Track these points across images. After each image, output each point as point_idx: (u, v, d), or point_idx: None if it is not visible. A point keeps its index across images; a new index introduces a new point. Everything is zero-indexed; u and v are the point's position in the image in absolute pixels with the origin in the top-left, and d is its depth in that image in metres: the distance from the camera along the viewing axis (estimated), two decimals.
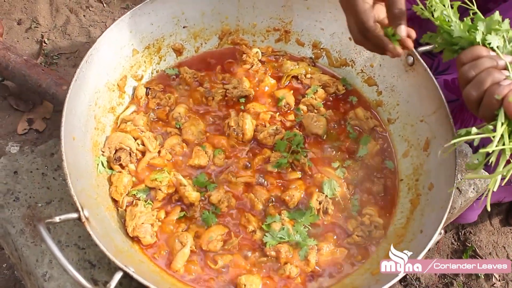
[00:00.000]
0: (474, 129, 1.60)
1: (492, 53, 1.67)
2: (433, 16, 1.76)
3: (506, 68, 1.63)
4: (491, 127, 1.58)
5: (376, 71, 2.36)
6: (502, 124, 1.55)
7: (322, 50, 2.46)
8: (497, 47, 1.67)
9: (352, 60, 2.41)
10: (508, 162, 1.57)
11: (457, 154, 1.94)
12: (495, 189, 1.57)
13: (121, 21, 2.11)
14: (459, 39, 1.73)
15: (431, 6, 1.76)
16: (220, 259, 1.89)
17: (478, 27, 1.69)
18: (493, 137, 1.56)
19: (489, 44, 1.67)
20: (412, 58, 2.16)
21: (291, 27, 2.46)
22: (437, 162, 2.04)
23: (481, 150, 1.58)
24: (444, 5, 1.75)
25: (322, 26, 2.42)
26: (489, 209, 1.60)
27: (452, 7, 1.76)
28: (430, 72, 2.10)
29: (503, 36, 1.69)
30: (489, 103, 1.57)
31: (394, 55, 1.78)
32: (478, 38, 1.68)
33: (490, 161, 1.58)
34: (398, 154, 2.23)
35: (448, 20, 1.76)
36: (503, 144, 1.55)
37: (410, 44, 1.73)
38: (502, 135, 1.57)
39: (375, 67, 2.35)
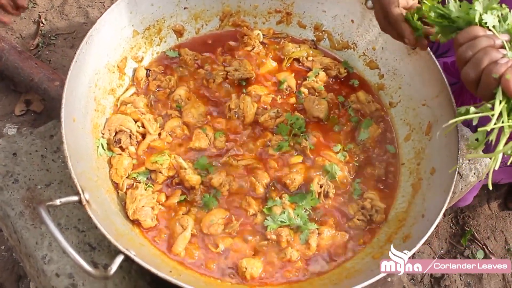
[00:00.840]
0: (472, 108, 1.60)
1: (489, 33, 1.66)
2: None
3: (503, 47, 1.62)
4: (489, 105, 1.58)
5: (378, 54, 2.34)
6: (500, 102, 1.55)
7: (324, 32, 2.44)
8: (493, 26, 1.66)
9: (354, 42, 2.39)
10: (508, 140, 1.57)
11: (459, 138, 1.93)
12: (496, 168, 1.57)
13: (122, 2, 2.08)
14: (457, 19, 1.72)
15: None
16: (221, 242, 1.88)
17: (475, 7, 1.68)
18: (492, 115, 1.56)
19: (485, 23, 1.66)
20: None
21: (292, 9, 2.43)
22: (439, 146, 2.03)
23: (480, 129, 1.58)
24: None
25: (324, 8, 2.40)
26: (490, 187, 1.61)
27: None
28: (433, 55, 2.08)
29: (498, 15, 1.68)
30: (487, 82, 1.56)
31: (411, 43, 1.81)
32: (476, 18, 1.67)
33: (490, 139, 1.58)
34: (400, 138, 2.22)
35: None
36: (502, 122, 1.55)
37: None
38: (501, 113, 1.57)
39: (377, 50, 2.33)
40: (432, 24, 1.78)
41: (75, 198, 1.60)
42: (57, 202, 1.56)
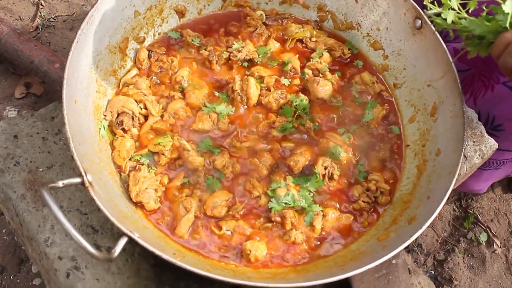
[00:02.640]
0: None
1: None
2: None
3: None
4: None
5: (382, 34, 2.31)
6: None
7: (327, 12, 2.41)
8: None
9: (358, 23, 2.36)
10: None
11: (465, 119, 1.91)
12: None
13: None
14: (484, 33, 1.69)
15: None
16: (224, 224, 1.87)
17: (504, 9, 1.65)
18: None
19: None
20: (420, 21, 2.12)
21: None
22: (445, 127, 2.02)
23: None
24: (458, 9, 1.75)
25: None
26: None
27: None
28: (438, 35, 2.06)
29: None
30: None
31: None
32: (508, 21, 1.64)
33: None
34: (404, 119, 2.20)
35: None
36: None
37: None
38: None
39: (381, 30, 2.31)
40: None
41: (78, 180, 1.58)
42: (60, 184, 1.54)
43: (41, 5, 3.70)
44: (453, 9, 1.80)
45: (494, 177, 3.01)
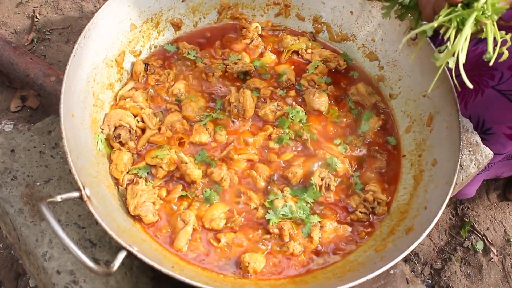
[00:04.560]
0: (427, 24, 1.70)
1: None
2: None
3: None
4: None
5: (377, 45, 2.32)
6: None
7: (322, 24, 2.43)
8: None
9: (353, 34, 2.38)
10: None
11: (461, 129, 1.92)
12: (463, 61, 1.62)
13: None
14: None
15: None
16: (222, 237, 1.87)
17: None
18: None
19: None
20: None
21: (291, 1, 2.42)
22: (441, 137, 2.02)
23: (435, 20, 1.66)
24: None
25: (323, 0, 2.38)
26: (468, 84, 1.63)
27: None
28: (433, 46, 2.07)
29: None
30: (439, 6, 1.67)
31: None
32: None
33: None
34: (400, 129, 2.21)
35: None
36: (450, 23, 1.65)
37: None
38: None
39: (376, 41, 2.32)
40: None
41: (76, 194, 1.58)
42: (58, 198, 1.54)
43: (36, 18, 3.70)
44: None
45: (483, 178, 3.02)
